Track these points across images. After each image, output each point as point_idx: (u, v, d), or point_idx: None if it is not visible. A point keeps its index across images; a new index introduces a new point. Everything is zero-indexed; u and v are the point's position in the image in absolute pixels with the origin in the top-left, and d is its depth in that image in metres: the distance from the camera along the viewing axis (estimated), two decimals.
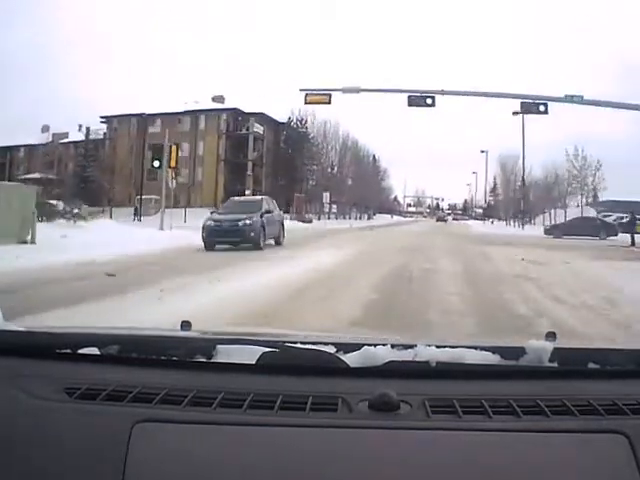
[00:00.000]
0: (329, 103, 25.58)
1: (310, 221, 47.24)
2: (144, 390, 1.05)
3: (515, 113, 43.25)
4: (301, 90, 26.13)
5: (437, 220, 79.41)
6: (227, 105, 57.72)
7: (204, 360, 1.17)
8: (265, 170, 58.96)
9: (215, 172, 56.53)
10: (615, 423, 0.97)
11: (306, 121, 60.15)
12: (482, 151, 64.48)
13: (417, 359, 1.14)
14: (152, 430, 0.96)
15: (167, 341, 1.29)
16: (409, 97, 24.01)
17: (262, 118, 58.98)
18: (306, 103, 26.05)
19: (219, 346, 1.18)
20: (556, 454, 0.92)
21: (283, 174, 59.61)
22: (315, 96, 25.93)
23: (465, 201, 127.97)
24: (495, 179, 70.70)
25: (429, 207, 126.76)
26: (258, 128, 58.22)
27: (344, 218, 63.76)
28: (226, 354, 1.17)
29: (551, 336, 1.35)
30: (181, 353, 1.18)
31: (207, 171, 56.77)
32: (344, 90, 25.32)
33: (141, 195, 50.40)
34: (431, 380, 1.11)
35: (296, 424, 0.97)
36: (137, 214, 45.41)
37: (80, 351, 1.19)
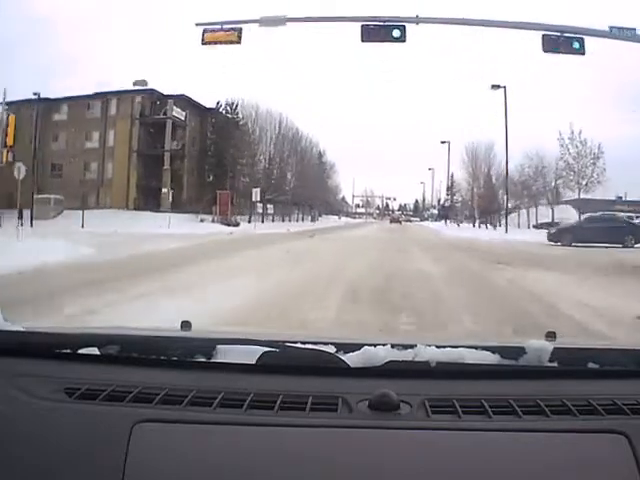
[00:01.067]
0: (238, 42, 16.34)
1: (237, 224, 39.13)
2: (144, 390, 1.04)
3: (495, 87, 35.60)
4: (198, 25, 16.82)
5: (391, 222, 71.57)
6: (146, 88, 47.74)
7: (204, 360, 1.17)
8: (188, 164, 48.95)
9: (127, 166, 46.75)
10: (615, 423, 0.97)
11: (237, 106, 50.17)
12: (443, 142, 55.89)
13: (417, 359, 1.13)
14: (152, 430, 0.95)
15: (167, 341, 1.27)
16: (364, 28, 15.02)
17: (185, 102, 48.82)
18: (204, 44, 16.70)
19: (219, 346, 1.18)
20: (556, 454, 0.92)
21: (211, 169, 49.77)
22: (218, 33, 16.62)
23: (416, 201, 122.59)
24: (452, 177, 62.27)
25: (378, 208, 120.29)
26: (179, 113, 47.97)
27: (283, 220, 54.33)
28: (226, 354, 1.17)
29: (551, 336, 1.35)
30: (181, 353, 1.18)
31: (118, 165, 46.78)
32: (262, 22, 16.19)
33: (33, 194, 40.62)
34: (431, 380, 1.11)
35: (296, 424, 0.96)
36: (23, 217, 35.56)
37: (80, 351, 1.18)
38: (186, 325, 1.46)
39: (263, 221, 47.00)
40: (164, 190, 45.78)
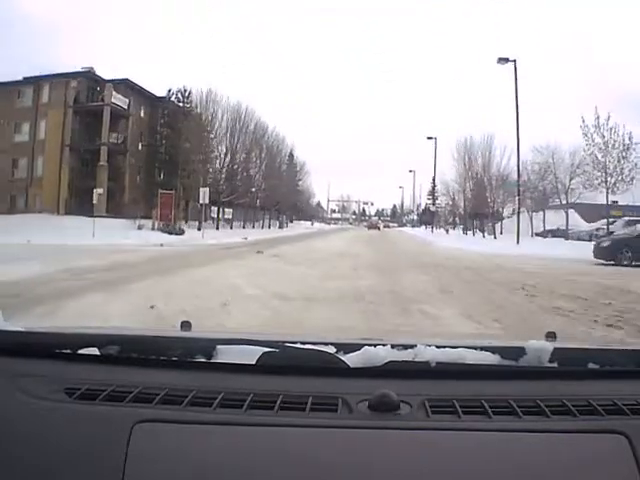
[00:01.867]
0: None
1: (181, 232, 32.52)
2: (144, 390, 1.04)
3: (502, 60, 29.28)
4: None
5: (369, 228, 66.15)
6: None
7: (204, 360, 1.16)
8: (132, 160, 41.88)
9: (59, 163, 39.64)
10: (615, 423, 0.97)
11: (189, 93, 42.74)
12: (429, 137, 49.70)
13: (417, 359, 1.13)
14: (152, 430, 0.95)
15: (167, 341, 1.26)
16: None
17: (128, 88, 41.73)
18: None
19: (219, 346, 1.17)
20: (556, 454, 0.92)
21: (161, 166, 42.57)
22: None
23: (394, 206, 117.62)
24: (434, 180, 55.83)
25: (354, 213, 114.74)
26: (120, 100, 40.77)
27: (244, 226, 47.29)
28: (226, 354, 1.16)
29: (551, 336, 1.35)
30: (181, 353, 1.17)
31: (49, 161, 40.27)
32: None
33: None
34: (431, 380, 1.10)
35: (296, 424, 0.96)
36: None
37: (80, 351, 1.18)
38: (186, 325, 1.47)
39: (218, 228, 39.79)
40: (99, 191, 38.48)
